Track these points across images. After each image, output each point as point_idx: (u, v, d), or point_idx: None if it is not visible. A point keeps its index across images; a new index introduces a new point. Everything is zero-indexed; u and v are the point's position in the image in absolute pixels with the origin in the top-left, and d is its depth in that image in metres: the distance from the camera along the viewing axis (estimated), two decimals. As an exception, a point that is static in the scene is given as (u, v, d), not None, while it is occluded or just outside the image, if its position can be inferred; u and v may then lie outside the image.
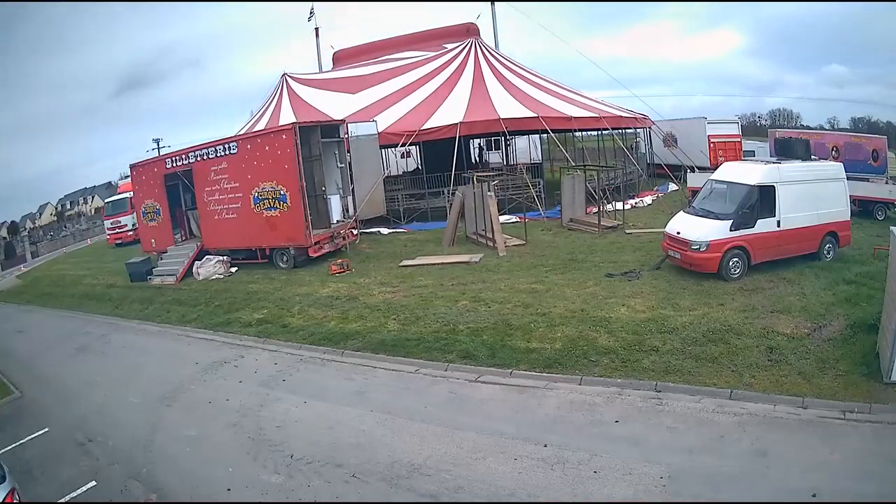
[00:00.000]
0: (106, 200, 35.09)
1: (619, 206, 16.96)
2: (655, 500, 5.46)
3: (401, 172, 25.11)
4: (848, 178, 11.29)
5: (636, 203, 19.34)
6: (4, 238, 56.39)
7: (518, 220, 16.88)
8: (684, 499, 5.41)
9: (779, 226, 10.36)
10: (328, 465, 6.61)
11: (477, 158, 28.54)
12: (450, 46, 23.66)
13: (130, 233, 25.88)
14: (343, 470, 6.49)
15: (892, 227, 7.64)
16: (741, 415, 6.68)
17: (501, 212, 15.91)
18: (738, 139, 24.83)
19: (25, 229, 67.32)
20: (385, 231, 18.32)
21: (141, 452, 7.49)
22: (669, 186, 22.42)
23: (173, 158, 17.07)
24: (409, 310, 10.88)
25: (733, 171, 11.13)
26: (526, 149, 29.08)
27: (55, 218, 77.07)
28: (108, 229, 29.20)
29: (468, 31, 24.78)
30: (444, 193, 18.88)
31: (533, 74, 22.97)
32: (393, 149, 19.56)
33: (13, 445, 8.23)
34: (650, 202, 19.10)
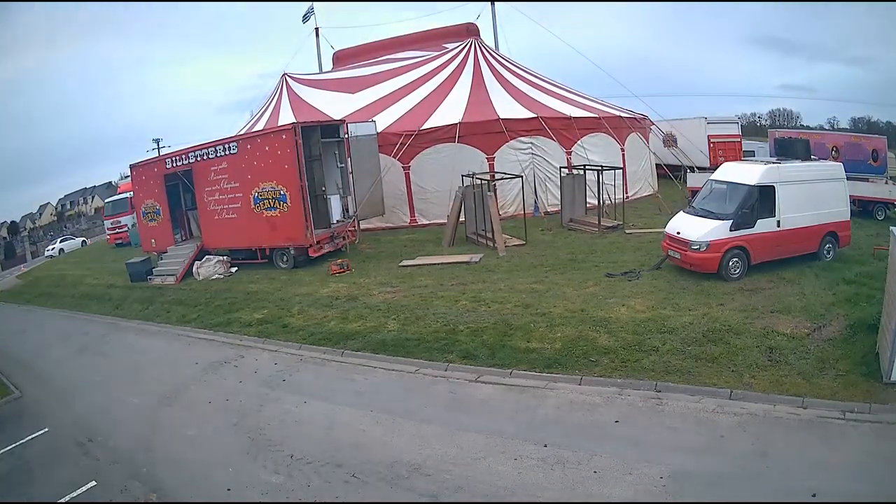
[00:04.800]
0: (106, 200, 35.13)
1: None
2: (655, 500, 5.46)
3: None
4: (848, 178, 11.30)
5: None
6: (4, 238, 56.47)
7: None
8: (684, 499, 5.41)
9: (779, 226, 10.36)
10: (328, 465, 6.61)
11: None
12: (450, 46, 23.63)
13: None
14: (343, 470, 6.49)
15: (892, 227, 7.64)
16: (741, 415, 6.68)
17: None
18: (738, 139, 24.83)
19: (25, 229, 67.40)
20: None
21: (141, 452, 7.49)
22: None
23: (173, 158, 17.06)
24: (409, 310, 10.88)
25: (733, 171, 11.12)
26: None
27: (55, 218, 77.14)
28: (108, 229, 29.24)
29: (468, 31, 24.74)
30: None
31: (532, 75, 22.95)
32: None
33: (13, 445, 8.24)
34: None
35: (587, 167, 16.96)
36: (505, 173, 16.65)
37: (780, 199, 10.31)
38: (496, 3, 26.81)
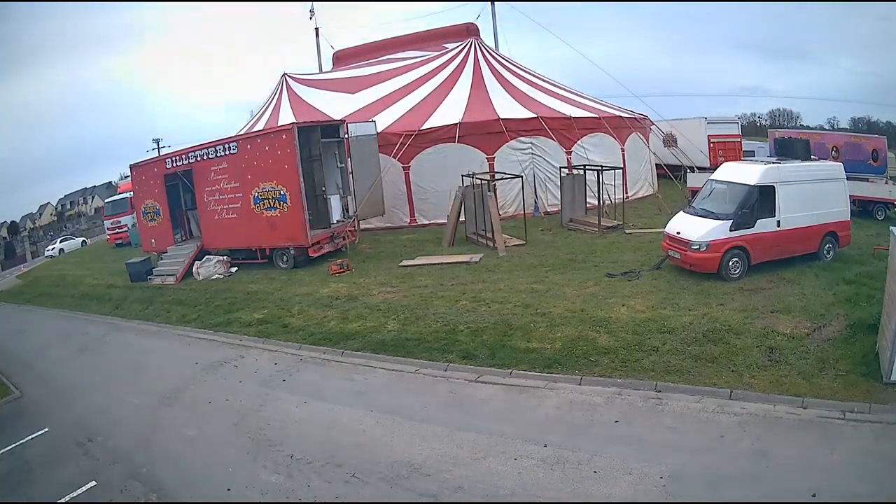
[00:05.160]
0: (106, 200, 35.13)
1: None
2: (655, 500, 5.46)
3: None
4: (848, 178, 11.29)
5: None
6: (4, 238, 56.50)
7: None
8: (684, 499, 5.41)
9: (778, 226, 10.36)
10: (328, 465, 6.62)
11: None
12: (450, 46, 23.63)
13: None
14: (343, 470, 6.49)
15: (892, 227, 7.64)
16: (741, 415, 6.68)
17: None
18: (738, 139, 24.84)
19: (25, 229, 67.42)
20: None
21: (141, 452, 7.49)
22: None
23: (173, 158, 17.07)
24: (409, 310, 10.88)
25: (733, 171, 11.12)
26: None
27: (55, 218, 77.15)
28: (108, 229, 29.24)
29: (468, 31, 24.75)
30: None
31: (532, 75, 22.95)
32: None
33: (13, 445, 8.25)
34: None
35: (587, 167, 16.95)
36: (505, 173, 16.64)
37: (779, 199, 10.31)
38: (496, 3, 26.87)
